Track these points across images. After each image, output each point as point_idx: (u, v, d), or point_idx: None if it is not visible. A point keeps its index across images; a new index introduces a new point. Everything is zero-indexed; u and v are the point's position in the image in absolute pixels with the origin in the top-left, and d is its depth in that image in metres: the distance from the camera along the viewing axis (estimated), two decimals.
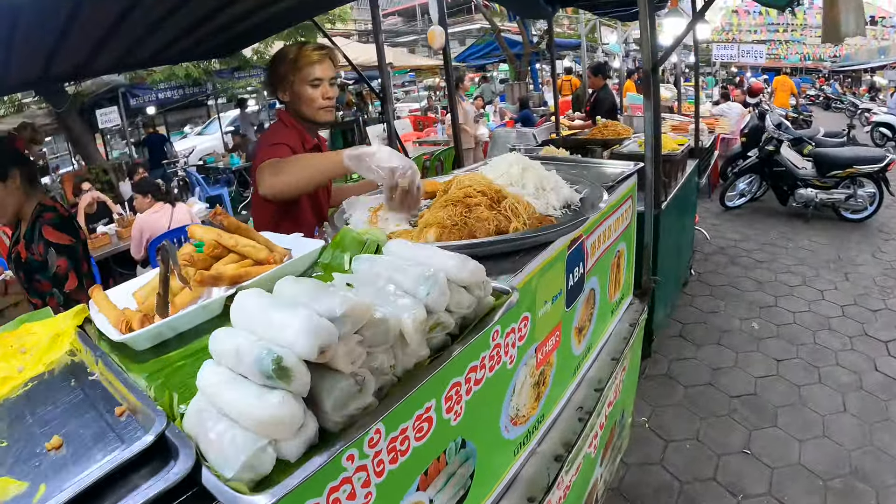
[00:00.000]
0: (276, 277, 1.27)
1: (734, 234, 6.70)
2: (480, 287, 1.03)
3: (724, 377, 3.95)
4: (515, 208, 1.48)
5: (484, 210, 1.44)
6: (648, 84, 2.65)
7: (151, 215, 4.91)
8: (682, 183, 3.98)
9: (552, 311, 1.59)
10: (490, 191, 1.50)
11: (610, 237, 2.12)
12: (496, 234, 1.43)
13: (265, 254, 1.37)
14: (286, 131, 2.25)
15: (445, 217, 1.44)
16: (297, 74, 2.19)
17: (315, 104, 2.23)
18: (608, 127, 4.34)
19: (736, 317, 4.74)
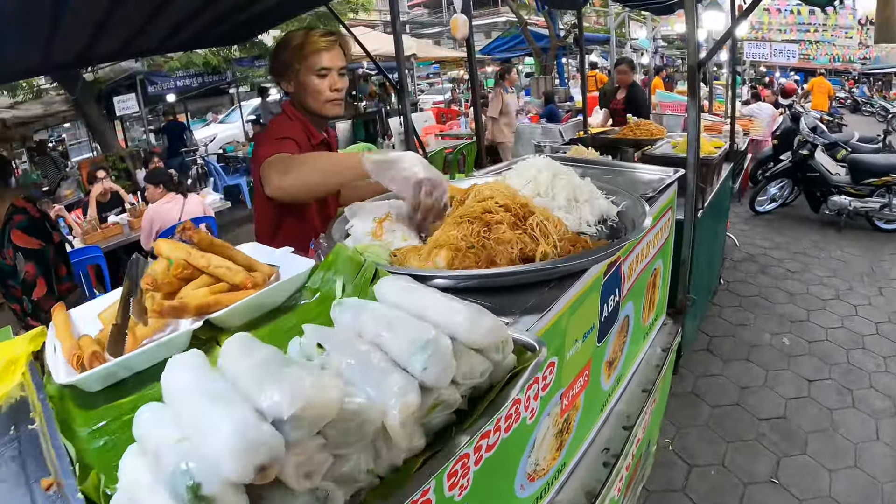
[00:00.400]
0: (251, 308, 1.09)
1: (764, 242, 6.33)
2: (498, 349, 0.77)
3: (752, 397, 3.65)
4: (544, 227, 1.20)
5: (506, 230, 1.17)
6: (693, 82, 2.34)
7: (163, 206, 4.71)
8: (717, 188, 3.66)
9: (582, 350, 1.32)
10: (514, 205, 1.22)
11: (648, 255, 1.83)
12: (521, 259, 1.16)
13: (241, 277, 1.13)
14: (291, 125, 2.02)
15: (460, 237, 1.17)
16: (302, 63, 1.95)
17: (322, 96, 1.98)
18: (640, 126, 4.01)
19: (766, 331, 4.41)
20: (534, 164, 1.60)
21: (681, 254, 2.28)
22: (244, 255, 1.23)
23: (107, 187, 5.73)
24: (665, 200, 1.94)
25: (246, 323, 1.08)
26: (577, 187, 1.52)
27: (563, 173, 1.56)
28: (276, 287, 1.13)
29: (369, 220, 1.51)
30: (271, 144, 1.85)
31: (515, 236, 1.16)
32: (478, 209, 1.20)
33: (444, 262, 1.17)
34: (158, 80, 9.10)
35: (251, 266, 1.20)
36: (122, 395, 0.90)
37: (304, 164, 1.64)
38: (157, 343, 0.97)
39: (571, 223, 1.45)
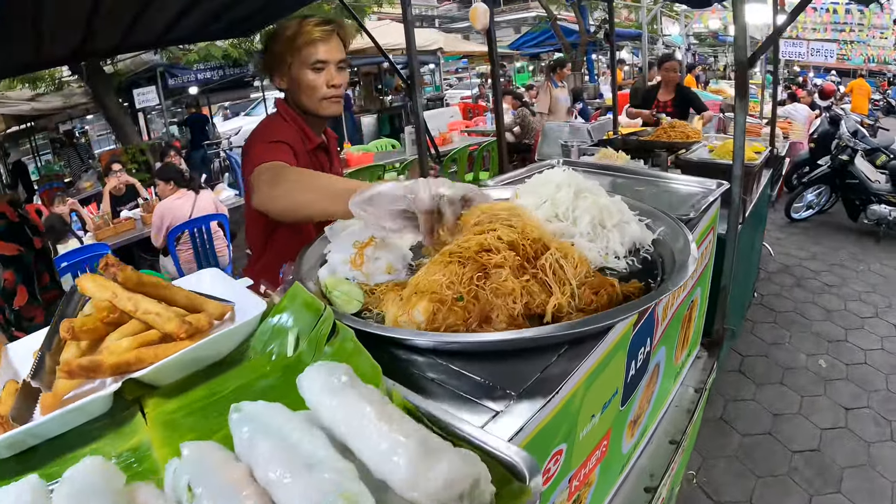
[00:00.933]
0: (184, 364, 0.89)
1: (800, 252, 5.86)
2: (462, 499, 0.47)
3: (785, 425, 3.28)
4: (560, 270, 0.89)
5: (508, 276, 0.85)
6: (743, 82, 1.98)
7: (174, 202, 4.48)
8: (757, 197, 3.27)
9: (600, 422, 1.01)
10: (523, 240, 0.91)
11: (686, 287, 1.51)
12: (526, 314, 0.85)
13: (174, 325, 0.91)
14: (285, 126, 1.74)
15: (445, 284, 0.86)
16: (295, 56, 1.67)
17: (317, 93, 1.70)
18: (675, 128, 3.61)
19: (802, 351, 4.01)
20: (553, 178, 1.27)
21: (721, 278, 1.94)
22: (186, 293, 1.02)
23: (122, 181, 5.52)
24: (707, 221, 1.60)
25: (182, 380, 0.89)
26: (605, 209, 1.20)
27: (588, 191, 1.24)
28: (214, 339, 0.91)
29: (350, 244, 1.22)
30: (264, 148, 1.58)
31: (520, 285, 0.85)
32: (473, 246, 0.89)
33: (423, 315, 0.86)
34: (179, 73, 8.90)
35: (195, 306, 1.00)
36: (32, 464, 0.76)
37: (295, 181, 1.36)
38: (69, 408, 0.79)
39: (596, 255, 1.13)
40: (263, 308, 1.02)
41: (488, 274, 0.87)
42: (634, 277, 1.09)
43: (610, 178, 2.06)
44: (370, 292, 1.11)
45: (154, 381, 0.87)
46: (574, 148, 3.53)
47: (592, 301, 0.88)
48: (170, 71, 8.79)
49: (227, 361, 0.94)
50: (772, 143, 4.33)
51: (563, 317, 0.87)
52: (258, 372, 0.92)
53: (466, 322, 0.84)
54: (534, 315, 0.86)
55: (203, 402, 0.85)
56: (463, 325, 0.84)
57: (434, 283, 0.87)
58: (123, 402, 0.85)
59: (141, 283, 0.96)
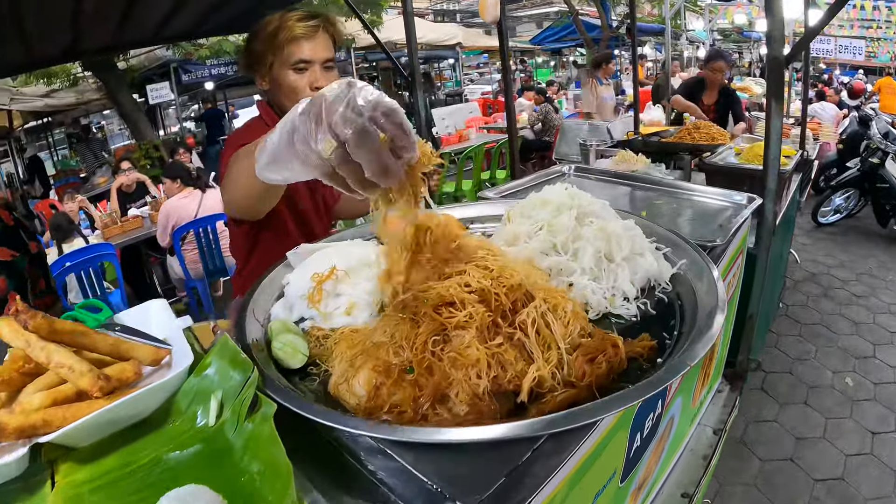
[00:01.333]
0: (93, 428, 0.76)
1: (827, 259, 5.50)
2: None
3: (808, 451, 3.00)
4: (545, 327, 0.66)
5: (473, 342, 0.63)
6: (779, 81, 1.71)
7: (180, 200, 4.30)
8: (787, 205, 2.98)
9: None
10: (498, 287, 0.68)
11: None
12: (495, 391, 0.63)
13: (87, 380, 0.78)
14: (261, 129, 1.54)
15: (392, 348, 0.64)
16: (277, 54, 1.47)
17: (299, 96, 1.48)
18: (700, 129, 3.30)
19: (828, 368, 3.70)
20: (552, 198, 1.03)
21: (748, 303, 1.68)
22: (111, 339, 0.89)
23: (132, 178, 5.37)
24: (736, 244, 1.35)
25: (99, 443, 0.77)
26: (613, 238, 0.96)
27: (594, 215, 1.00)
28: (132, 400, 0.78)
29: (309, 275, 1.01)
30: (229, 154, 1.38)
31: (487, 354, 0.62)
32: (432, 297, 0.66)
33: (363, 389, 0.65)
34: (192, 69, 8.73)
35: (121, 353, 0.88)
36: None
37: (231, 169, 1.15)
38: None
39: (600, 298, 0.89)
40: (190, 360, 0.85)
41: (448, 337, 0.65)
42: (646, 327, 0.86)
43: (626, 188, 1.82)
44: (323, 338, 0.90)
45: (67, 444, 0.76)
46: (592, 148, 3.27)
47: (584, 374, 0.65)
48: (183, 67, 8.62)
49: (149, 421, 0.82)
50: (802, 145, 4.03)
51: (544, 393, 0.65)
52: (177, 441, 0.78)
53: (416, 401, 0.62)
54: (505, 391, 0.64)
55: (115, 473, 0.73)
56: (412, 404, 0.62)
57: (379, 347, 0.65)
58: (39, 464, 0.75)
59: (54, 332, 0.81)
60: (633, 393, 0.58)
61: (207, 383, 0.83)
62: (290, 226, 1.60)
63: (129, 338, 1.00)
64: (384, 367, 0.64)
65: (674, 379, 0.61)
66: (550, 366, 0.64)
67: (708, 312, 0.80)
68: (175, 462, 0.74)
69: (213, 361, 0.84)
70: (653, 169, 2.46)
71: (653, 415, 0.92)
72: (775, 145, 1.64)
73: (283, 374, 0.86)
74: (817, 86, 12.82)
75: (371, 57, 11.89)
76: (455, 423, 0.59)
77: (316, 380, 0.83)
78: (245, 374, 0.78)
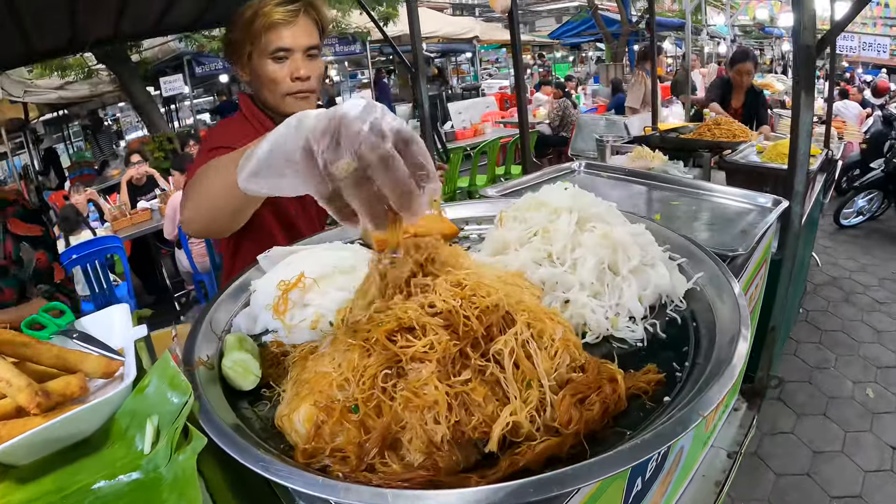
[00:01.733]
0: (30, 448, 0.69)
1: (849, 263, 5.26)
2: None
3: (826, 466, 2.83)
4: (525, 360, 0.53)
5: (431, 379, 0.50)
6: (809, 72, 1.55)
7: None
8: (810, 207, 2.80)
9: None
10: (469, 309, 0.54)
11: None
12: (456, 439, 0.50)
13: (25, 396, 0.72)
14: (240, 128, 1.42)
15: (337, 381, 0.52)
16: (255, 43, 1.34)
17: (279, 87, 1.37)
18: (720, 125, 3.12)
19: (848, 378, 3.51)
20: (550, 199, 0.90)
21: (770, 315, 1.53)
22: (57, 350, 0.82)
23: (141, 171, 5.31)
24: (760, 253, 1.21)
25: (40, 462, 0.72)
26: (620, 247, 0.82)
27: (598, 219, 0.86)
28: (67, 419, 0.71)
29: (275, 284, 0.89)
30: (201, 158, 1.26)
31: (449, 395, 0.49)
32: (390, 322, 0.53)
33: (304, 426, 0.53)
34: (206, 61, 8.59)
35: (68, 365, 0.81)
36: None
37: (199, 182, 0.96)
38: None
39: (600, 318, 0.76)
40: (133, 377, 0.74)
41: (403, 370, 0.52)
42: (654, 355, 0.73)
43: (640, 187, 1.67)
44: (283, 356, 0.78)
45: (4, 462, 0.70)
46: (608, 143, 3.12)
47: (572, 419, 0.52)
48: (197, 59, 8.50)
49: (90, 441, 0.75)
50: (826, 143, 3.82)
51: (520, 442, 0.52)
52: (112, 467, 0.70)
53: (361, 446, 0.50)
54: (469, 439, 0.51)
55: (52, 496, 0.68)
56: (356, 449, 0.50)
57: (323, 378, 0.53)
58: None
59: None
60: (625, 455, 0.46)
61: (145, 405, 0.74)
62: (275, 232, 1.47)
63: (85, 346, 0.92)
64: (326, 402, 0.52)
65: (681, 436, 0.48)
66: (529, 408, 0.51)
67: (729, 339, 0.67)
68: (104, 493, 0.68)
69: (153, 380, 0.75)
70: (670, 166, 2.31)
71: (658, 455, 0.79)
72: (804, 142, 1.48)
73: (233, 395, 0.75)
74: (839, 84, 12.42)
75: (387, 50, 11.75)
76: (403, 476, 0.47)
77: (267, 405, 0.71)
78: (183, 397, 0.68)
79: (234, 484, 0.68)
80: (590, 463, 0.46)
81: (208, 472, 0.68)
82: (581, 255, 0.81)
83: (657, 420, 0.58)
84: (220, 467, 0.68)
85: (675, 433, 0.49)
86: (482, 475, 0.48)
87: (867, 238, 5.94)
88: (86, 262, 3.70)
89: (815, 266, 4.95)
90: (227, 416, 0.66)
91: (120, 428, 0.76)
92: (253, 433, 0.64)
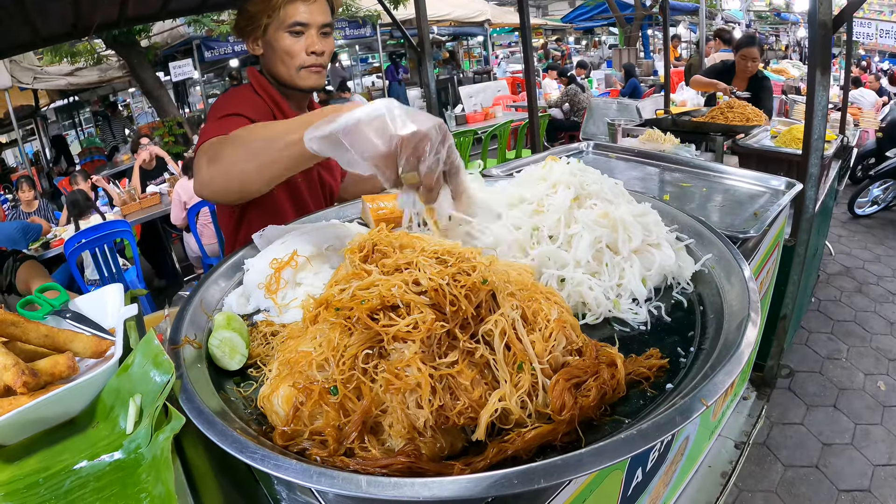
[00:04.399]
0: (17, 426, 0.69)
1: (862, 252, 5.15)
2: None
3: (835, 458, 2.78)
4: (517, 341, 0.50)
5: (414, 360, 0.47)
6: (825, 50, 1.48)
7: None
8: (825, 194, 2.73)
9: None
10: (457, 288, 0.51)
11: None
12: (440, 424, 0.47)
13: (11, 375, 0.71)
14: (251, 98, 1.42)
15: (317, 361, 0.49)
16: (272, 16, 1.36)
17: (295, 60, 1.38)
18: (734, 109, 3.03)
19: (859, 369, 3.44)
20: (551, 174, 0.86)
21: (782, 303, 1.48)
22: (46, 329, 0.81)
23: (152, 153, 5.29)
24: (772, 237, 1.16)
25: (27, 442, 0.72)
26: (621, 226, 0.78)
27: (599, 196, 0.82)
28: (51, 399, 0.70)
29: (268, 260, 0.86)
30: (216, 125, 1.25)
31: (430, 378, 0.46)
32: (373, 298, 0.50)
33: (283, 407, 0.50)
34: (215, 46, 8.51)
35: (56, 344, 0.81)
36: None
37: (236, 143, 1.00)
38: None
39: (600, 297, 0.73)
40: (118, 356, 0.72)
41: (386, 351, 0.49)
42: (658, 339, 0.69)
43: (651, 168, 1.62)
44: (272, 335, 0.75)
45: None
46: (620, 126, 3.05)
47: (565, 405, 0.49)
48: (206, 43, 8.44)
49: (77, 421, 0.75)
50: (842, 129, 3.72)
51: (509, 429, 0.49)
52: (96, 447, 0.70)
53: (340, 429, 0.47)
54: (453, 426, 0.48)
55: (34, 476, 0.68)
56: (334, 432, 0.47)
57: (302, 357, 0.49)
58: None
59: None
60: (621, 446, 0.42)
61: (129, 384, 0.72)
62: (281, 204, 1.45)
63: (77, 326, 0.90)
64: (305, 383, 0.49)
65: (682, 426, 0.45)
66: (520, 393, 0.48)
67: (737, 324, 0.63)
68: (85, 473, 0.67)
69: (137, 359, 0.73)
70: (682, 150, 2.24)
71: (660, 445, 0.76)
72: (819, 124, 1.42)
73: (220, 375, 0.73)
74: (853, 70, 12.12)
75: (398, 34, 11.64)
76: (382, 462, 0.44)
77: (253, 385, 0.68)
78: (166, 376, 0.65)
79: (217, 465, 0.66)
80: (581, 453, 0.42)
81: (191, 452, 0.66)
82: (577, 231, 0.77)
83: (658, 408, 0.54)
84: (203, 448, 0.67)
85: (676, 423, 0.45)
86: (466, 463, 0.45)
87: (882, 228, 5.81)
88: (94, 246, 3.70)
89: (828, 255, 4.87)
90: (210, 396, 0.64)
91: (105, 407, 0.75)
92: (236, 414, 0.61)
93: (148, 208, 4.63)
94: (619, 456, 0.43)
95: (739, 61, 3.98)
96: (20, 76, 7.25)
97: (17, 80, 7.20)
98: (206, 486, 0.63)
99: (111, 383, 0.74)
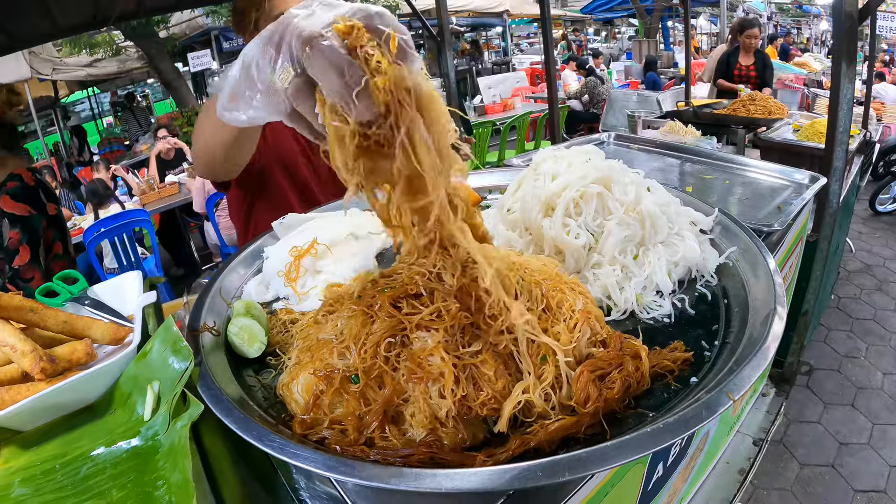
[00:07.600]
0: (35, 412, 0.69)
1: (883, 250, 5.04)
2: None
3: (851, 458, 2.73)
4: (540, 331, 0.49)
5: (437, 349, 0.46)
6: (852, 38, 1.43)
7: None
8: (846, 190, 2.67)
9: None
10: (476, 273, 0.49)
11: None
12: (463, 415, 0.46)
13: (29, 362, 0.71)
14: None
15: (339, 349, 0.48)
16: (261, 11, 1.29)
17: None
18: (756, 101, 2.97)
19: (878, 368, 3.37)
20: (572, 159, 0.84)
21: (804, 299, 1.45)
22: (65, 316, 0.81)
23: (171, 143, 5.32)
24: (796, 231, 1.13)
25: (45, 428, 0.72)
26: (647, 218, 0.77)
27: (622, 184, 0.80)
28: (69, 385, 0.70)
29: (288, 249, 0.85)
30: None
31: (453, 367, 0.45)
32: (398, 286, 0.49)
33: (303, 396, 0.49)
34: (233, 36, 8.55)
35: (75, 331, 0.80)
36: None
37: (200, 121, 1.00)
38: None
39: (625, 291, 0.71)
40: (136, 343, 0.72)
41: (409, 340, 0.48)
42: (682, 332, 0.67)
43: (672, 160, 1.59)
44: (291, 323, 0.75)
45: (9, 427, 0.70)
46: (640, 118, 3.01)
47: (590, 397, 0.48)
48: (224, 34, 8.49)
49: (95, 407, 0.74)
50: (864, 124, 3.64)
51: (532, 422, 0.48)
52: (113, 434, 0.70)
53: (361, 419, 0.46)
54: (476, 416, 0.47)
55: (51, 462, 0.67)
56: (355, 421, 0.46)
57: (324, 345, 0.49)
58: None
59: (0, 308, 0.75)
60: (646, 439, 0.41)
61: (147, 370, 0.72)
62: (289, 195, 1.44)
63: (95, 313, 0.91)
64: (326, 371, 0.48)
65: (708, 421, 0.43)
66: (544, 384, 0.47)
67: (763, 318, 0.61)
68: (102, 459, 0.67)
69: (155, 346, 0.72)
70: (703, 143, 2.21)
71: (681, 440, 0.74)
72: (845, 117, 1.38)
73: (239, 362, 0.72)
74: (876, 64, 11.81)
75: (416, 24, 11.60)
76: (402, 452, 0.43)
77: (272, 373, 0.68)
78: (184, 363, 0.65)
79: (235, 453, 0.66)
80: (606, 446, 0.41)
81: (209, 440, 0.66)
82: (607, 225, 0.75)
83: (683, 402, 0.53)
84: (221, 436, 0.66)
85: (703, 417, 0.44)
86: (489, 454, 0.44)
87: None
88: (113, 235, 3.75)
89: (849, 252, 4.78)
90: (229, 384, 0.64)
91: (123, 393, 0.74)
92: (255, 402, 0.61)
93: (167, 198, 4.66)
94: (645, 450, 0.42)
95: (745, 40, 4.89)
96: (39, 67, 7.33)
97: (37, 71, 7.27)
98: (224, 474, 0.63)
99: (129, 370, 0.74)
